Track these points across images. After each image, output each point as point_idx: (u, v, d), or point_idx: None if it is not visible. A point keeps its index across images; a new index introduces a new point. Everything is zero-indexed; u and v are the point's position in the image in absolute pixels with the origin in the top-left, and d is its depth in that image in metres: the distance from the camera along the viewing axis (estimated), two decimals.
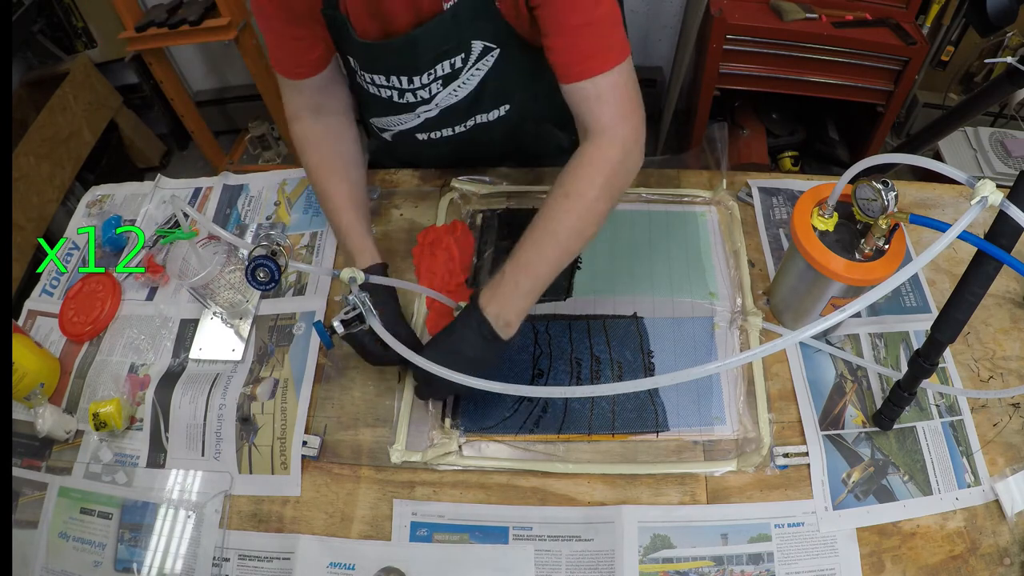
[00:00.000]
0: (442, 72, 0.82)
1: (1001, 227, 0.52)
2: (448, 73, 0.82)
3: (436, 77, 0.82)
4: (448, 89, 0.85)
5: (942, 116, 1.45)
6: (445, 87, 0.84)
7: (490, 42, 0.80)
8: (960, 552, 0.69)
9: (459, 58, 0.81)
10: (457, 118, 0.91)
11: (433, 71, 0.82)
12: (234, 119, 2.66)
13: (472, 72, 0.83)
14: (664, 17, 2.28)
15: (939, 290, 0.88)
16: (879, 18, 1.81)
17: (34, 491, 0.81)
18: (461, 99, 0.87)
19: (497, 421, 0.79)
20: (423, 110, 0.88)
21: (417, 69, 0.81)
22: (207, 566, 0.73)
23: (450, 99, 0.86)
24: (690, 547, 0.70)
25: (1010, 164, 1.95)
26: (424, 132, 0.93)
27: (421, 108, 0.88)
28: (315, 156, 0.87)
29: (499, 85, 0.87)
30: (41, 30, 2.23)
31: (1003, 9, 1.10)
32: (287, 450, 0.78)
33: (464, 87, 0.85)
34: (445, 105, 0.87)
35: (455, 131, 0.93)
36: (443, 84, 0.84)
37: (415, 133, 0.93)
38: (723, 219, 0.96)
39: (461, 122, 0.92)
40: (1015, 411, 0.77)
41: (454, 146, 0.96)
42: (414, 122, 0.91)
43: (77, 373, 0.89)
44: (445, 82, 0.83)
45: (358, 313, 0.73)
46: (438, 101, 0.86)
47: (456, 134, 0.94)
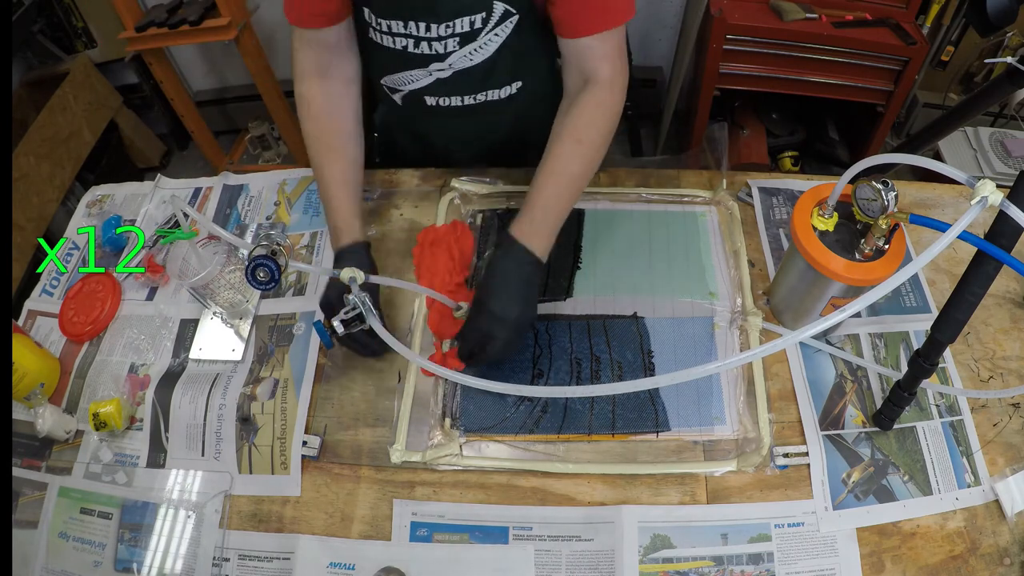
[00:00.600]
0: (461, 28, 0.81)
1: (1001, 227, 0.52)
2: (467, 31, 0.82)
3: (454, 32, 0.82)
4: (464, 50, 0.84)
5: (942, 116, 1.45)
6: (462, 47, 0.84)
7: (511, 6, 0.80)
8: (960, 552, 0.69)
9: (479, 17, 0.80)
10: (469, 87, 0.91)
11: (452, 24, 0.81)
12: (234, 119, 2.66)
13: (490, 36, 0.83)
14: (664, 17, 2.28)
15: (939, 290, 0.88)
16: (879, 18, 1.81)
17: (34, 491, 0.81)
18: (476, 64, 0.86)
19: (497, 421, 0.79)
20: (436, 68, 0.87)
21: (437, 16, 0.80)
22: (207, 566, 0.73)
23: (464, 62, 0.86)
24: (690, 547, 0.70)
25: (1010, 164, 1.95)
26: (433, 96, 0.92)
27: (434, 65, 0.87)
28: (315, 126, 0.87)
29: (514, 58, 0.87)
30: (41, 30, 2.23)
31: (1003, 9, 1.10)
32: (287, 450, 0.78)
33: (480, 52, 0.85)
34: (459, 68, 0.87)
35: (464, 102, 0.93)
36: (460, 43, 0.83)
37: (424, 95, 0.93)
38: (723, 219, 0.96)
39: (472, 93, 0.92)
40: (1015, 411, 0.77)
41: (462, 119, 0.96)
42: (425, 80, 0.90)
43: (77, 373, 0.89)
44: (462, 41, 0.83)
45: (358, 313, 0.73)
46: (452, 61, 0.86)
47: (465, 105, 0.93)
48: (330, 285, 0.80)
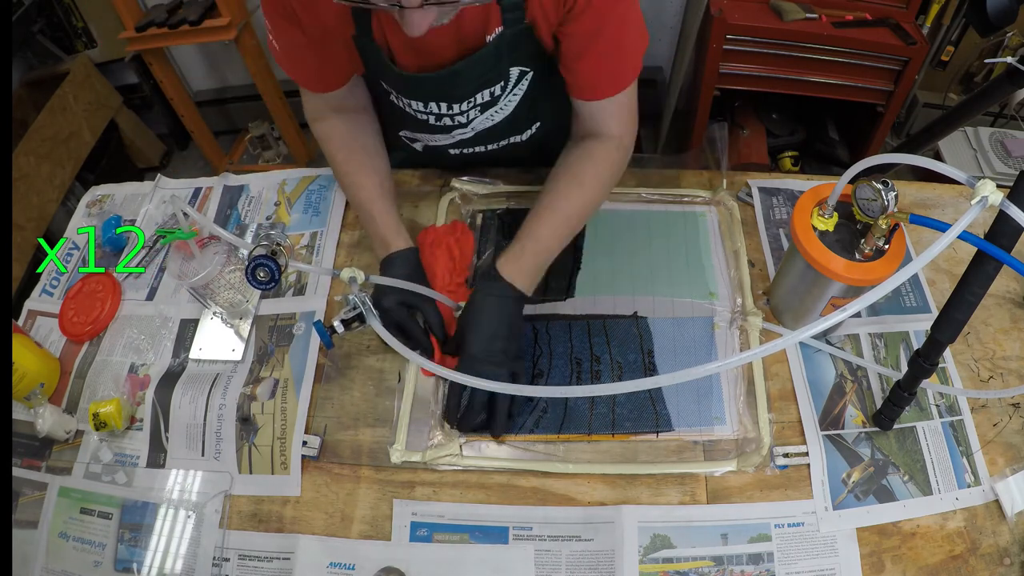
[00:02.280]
0: (481, 100, 0.83)
1: (1001, 227, 0.52)
2: (487, 101, 0.84)
3: (475, 104, 0.84)
4: (486, 115, 0.86)
5: (942, 116, 1.45)
6: (483, 113, 0.86)
7: (525, 66, 0.81)
8: (960, 552, 0.69)
9: (499, 86, 0.82)
10: (492, 138, 0.93)
11: (473, 99, 0.83)
12: (234, 119, 2.66)
13: (510, 98, 0.85)
14: (664, 17, 2.28)
15: (939, 290, 0.88)
16: (879, 18, 1.81)
17: (34, 491, 0.81)
18: (498, 123, 0.88)
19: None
20: (459, 133, 0.90)
21: (458, 98, 0.82)
22: (207, 566, 0.73)
23: (486, 123, 0.88)
24: (690, 547, 0.70)
25: (1010, 164, 1.95)
26: (457, 148, 0.95)
27: (457, 131, 0.89)
28: (342, 151, 0.89)
29: (532, 106, 0.88)
30: (41, 30, 2.23)
31: (1003, 9, 1.10)
32: (287, 450, 0.78)
33: (501, 112, 0.87)
34: (481, 128, 0.89)
35: (488, 148, 0.96)
36: (481, 110, 0.85)
37: (448, 149, 0.95)
38: (723, 219, 0.96)
39: (495, 141, 0.94)
40: (1015, 411, 0.77)
41: (484, 160, 0.99)
42: (447, 141, 0.93)
43: (77, 373, 0.89)
44: (483, 108, 0.85)
45: (358, 313, 0.73)
46: (474, 125, 0.88)
47: (488, 151, 0.96)
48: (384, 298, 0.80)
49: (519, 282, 0.78)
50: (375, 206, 0.85)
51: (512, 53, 0.78)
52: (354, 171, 0.88)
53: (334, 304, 0.90)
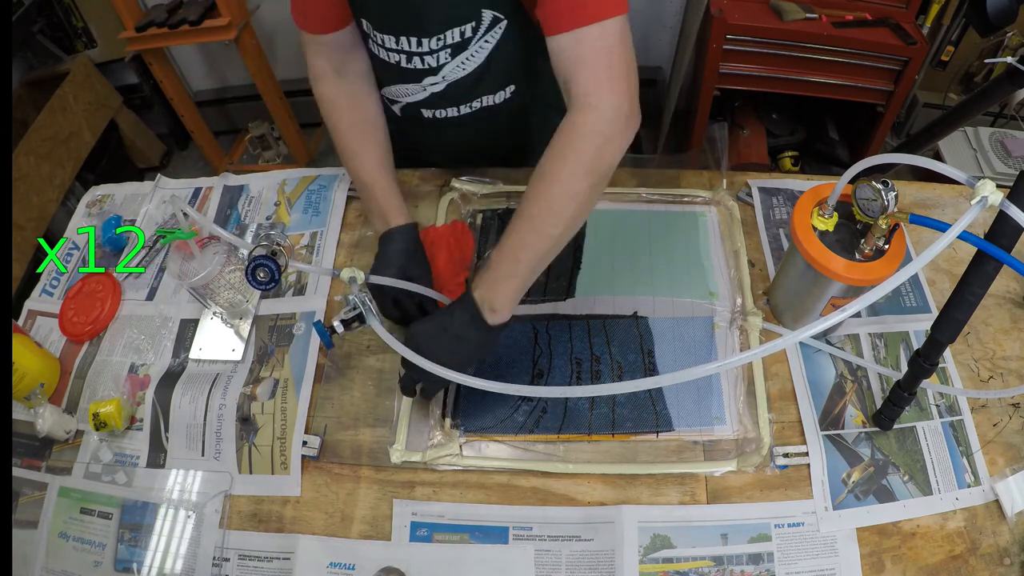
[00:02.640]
0: (451, 40, 0.81)
1: (1001, 227, 0.52)
2: (457, 42, 0.82)
3: (445, 44, 0.82)
4: (456, 61, 0.85)
5: (942, 116, 1.45)
6: (454, 58, 0.84)
7: (499, 12, 0.80)
8: (960, 552, 0.69)
9: (469, 27, 0.80)
10: (463, 95, 0.91)
11: (442, 37, 0.81)
12: (234, 119, 2.66)
13: (481, 44, 0.83)
14: (664, 17, 2.28)
15: (939, 290, 0.88)
16: (879, 18, 1.81)
17: (34, 491, 0.81)
18: (468, 73, 0.87)
19: (497, 421, 0.79)
20: (430, 82, 0.88)
21: (426, 31, 0.80)
22: (207, 566, 0.73)
23: (457, 72, 0.86)
24: (690, 547, 0.70)
25: (1010, 164, 1.95)
26: (430, 109, 0.93)
27: (428, 79, 0.88)
28: (344, 119, 0.88)
29: (506, 62, 0.87)
30: (41, 30, 2.23)
31: (1003, 9, 1.10)
32: (287, 450, 0.78)
33: (472, 60, 0.85)
34: (452, 79, 0.87)
35: (460, 111, 0.93)
36: (452, 54, 0.83)
37: (421, 109, 0.93)
38: (723, 219, 0.96)
39: (467, 101, 0.92)
40: (1015, 411, 0.77)
41: (460, 129, 0.96)
42: (420, 95, 0.91)
43: (77, 373, 0.89)
44: (454, 52, 0.83)
45: (358, 313, 0.73)
46: (445, 73, 0.86)
47: (461, 115, 0.94)
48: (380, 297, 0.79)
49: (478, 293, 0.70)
50: (376, 181, 0.85)
51: None
52: (357, 142, 0.87)
53: (334, 304, 0.90)
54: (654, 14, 2.27)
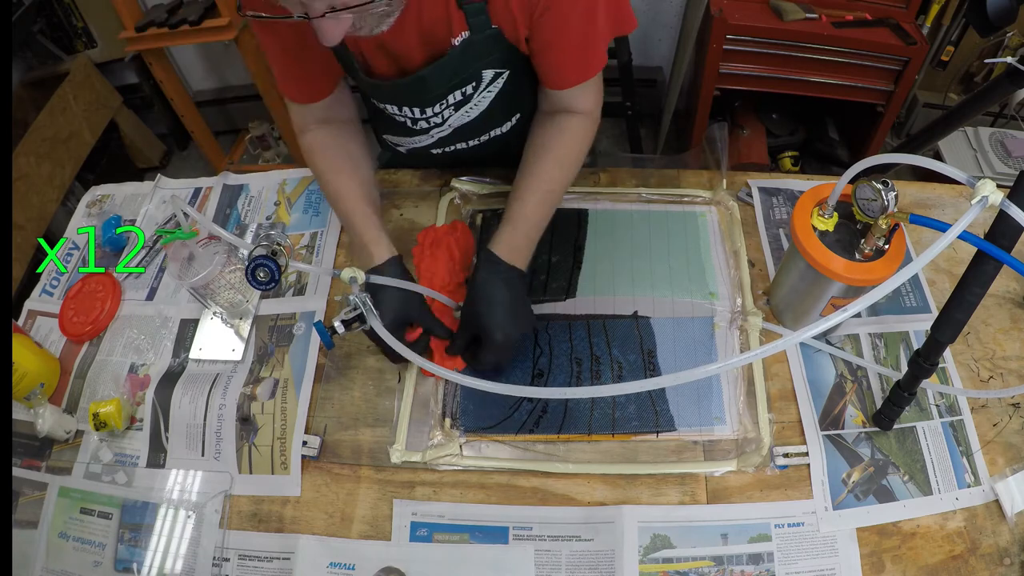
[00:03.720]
0: (453, 100, 0.84)
1: (1001, 227, 0.52)
2: (459, 100, 0.84)
3: (448, 105, 0.84)
4: (460, 112, 0.87)
5: (942, 116, 1.45)
6: (457, 111, 0.86)
7: (499, 68, 0.82)
8: (960, 552, 0.69)
9: (470, 86, 0.82)
10: (472, 134, 0.93)
11: (445, 101, 0.83)
12: (234, 119, 2.66)
13: (483, 95, 0.85)
14: (664, 17, 2.28)
15: (939, 290, 0.88)
16: (879, 18, 1.81)
17: (34, 491, 0.81)
18: (474, 118, 0.89)
19: (497, 421, 0.79)
20: (437, 132, 0.90)
21: (428, 102, 0.83)
22: (207, 566, 0.73)
23: (463, 119, 0.88)
24: (690, 547, 0.70)
25: (1010, 164, 1.95)
26: (439, 148, 0.95)
27: (435, 131, 0.90)
28: (324, 160, 0.88)
29: (510, 100, 0.89)
30: (41, 30, 2.23)
31: (1003, 9, 1.10)
32: (287, 450, 0.78)
33: (476, 108, 0.87)
34: (459, 124, 0.89)
35: (469, 144, 0.96)
36: (455, 109, 0.86)
37: (431, 149, 0.96)
38: (723, 219, 0.96)
39: (475, 137, 0.94)
40: (1015, 411, 0.77)
41: (468, 156, 0.99)
42: (428, 141, 0.93)
43: (77, 373, 0.89)
44: (457, 107, 0.85)
45: (358, 313, 0.73)
46: (451, 123, 0.89)
47: (471, 147, 0.96)
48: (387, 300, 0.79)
49: (517, 262, 0.79)
50: (355, 212, 0.83)
51: (483, 57, 0.79)
52: (335, 178, 0.86)
53: (334, 304, 0.90)
54: (654, 14, 2.27)
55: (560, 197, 0.84)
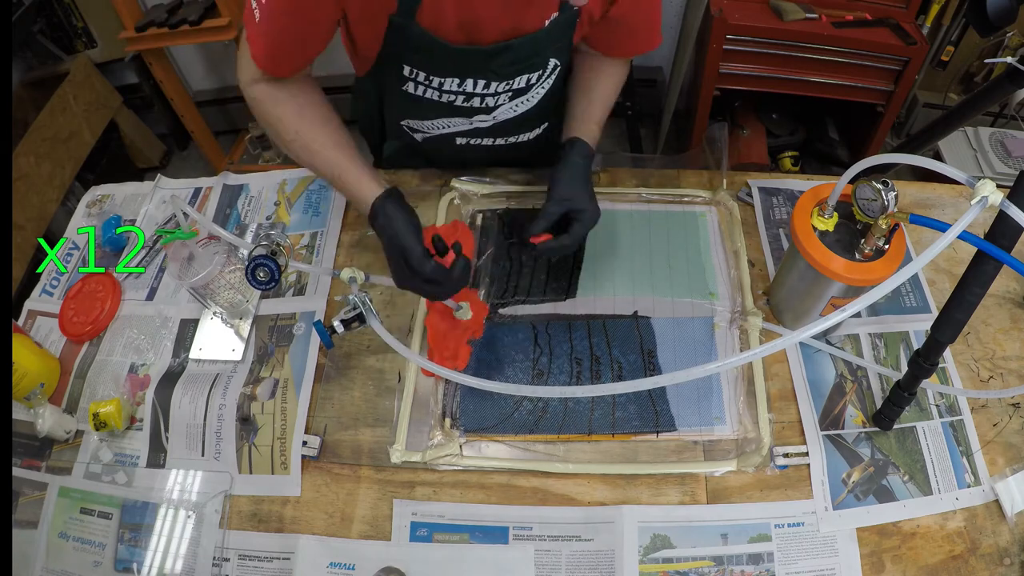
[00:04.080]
0: (517, 85, 0.83)
1: (1001, 227, 0.52)
2: (521, 87, 0.83)
3: (510, 88, 0.83)
4: (512, 103, 0.86)
5: (942, 116, 1.44)
6: (512, 100, 0.86)
7: (559, 58, 0.82)
8: (960, 552, 0.69)
9: (536, 75, 0.82)
10: (505, 132, 0.93)
11: (511, 81, 0.82)
12: (234, 119, 2.66)
13: (539, 89, 0.85)
14: (664, 17, 2.25)
15: (939, 290, 0.88)
16: (879, 18, 1.81)
17: (34, 491, 0.81)
18: (519, 114, 0.89)
19: (497, 421, 0.79)
20: (479, 119, 0.88)
21: (498, 75, 0.80)
22: (207, 566, 0.73)
23: (509, 113, 0.88)
24: (690, 547, 0.70)
25: (1010, 164, 1.95)
26: (466, 138, 0.94)
27: (478, 117, 0.87)
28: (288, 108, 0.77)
29: (548, 102, 0.89)
30: (41, 30, 2.23)
31: (1003, 9, 1.09)
32: (287, 450, 0.78)
33: (527, 103, 0.87)
34: (502, 118, 0.89)
35: (495, 143, 0.95)
36: (511, 97, 0.85)
37: (456, 138, 0.93)
38: (723, 219, 0.96)
39: (505, 137, 0.94)
40: (1015, 411, 0.77)
41: (484, 154, 0.98)
42: (463, 127, 0.90)
43: (77, 373, 0.89)
44: (513, 95, 0.85)
45: (358, 313, 0.73)
46: (497, 114, 0.87)
47: (494, 145, 0.96)
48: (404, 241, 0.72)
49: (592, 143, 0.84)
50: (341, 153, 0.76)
51: (558, 41, 0.79)
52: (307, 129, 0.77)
53: (334, 304, 0.90)
54: None
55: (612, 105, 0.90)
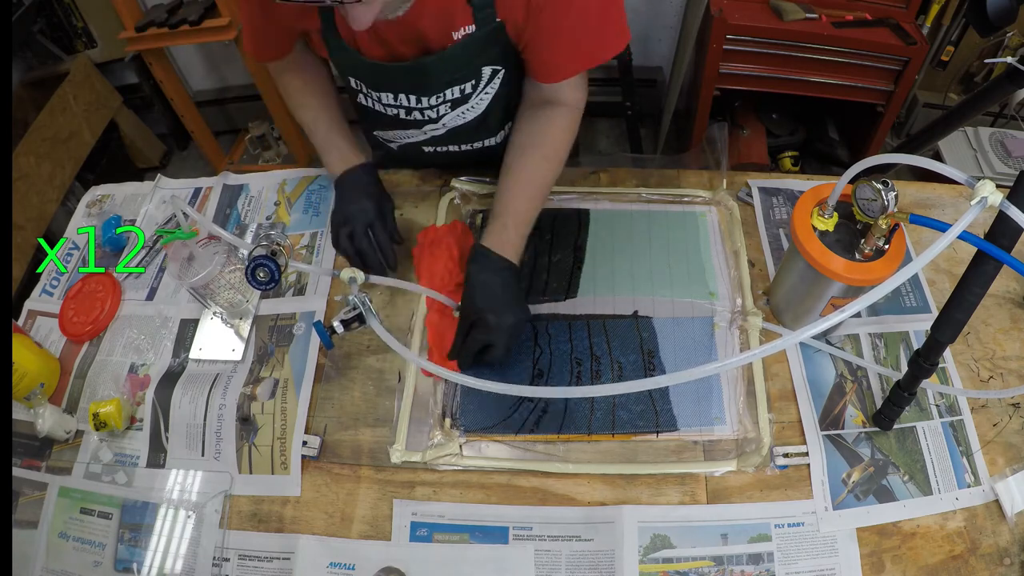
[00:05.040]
0: (451, 96, 0.84)
1: (1001, 227, 0.52)
2: (457, 98, 0.84)
3: (445, 100, 0.84)
4: (456, 112, 0.87)
5: (942, 116, 1.44)
6: (454, 109, 0.86)
7: (497, 65, 0.82)
8: (960, 552, 0.69)
9: (469, 84, 0.83)
10: (465, 137, 0.93)
11: (443, 94, 0.83)
12: (234, 119, 2.66)
13: (481, 96, 0.85)
14: (664, 17, 2.28)
15: (939, 290, 0.88)
16: (879, 18, 1.81)
17: (34, 491, 0.81)
18: (469, 121, 0.89)
19: (497, 421, 0.79)
20: (430, 128, 0.90)
21: (427, 90, 0.83)
22: (207, 566, 0.73)
23: (458, 120, 0.88)
24: (690, 547, 0.70)
25: (1010, 164, 1.95)
26: (431, 147, 0.95)
27: (428, 127, 0.90)
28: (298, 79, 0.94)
29: (504, 106, 0.89)
30: (41, 30, 2.23)
31: (1003, 9, 1.09)
32: (287, 450, 0.78)
33: (472, 110, 0.87)
34: (453, 125, 0.89)
35: (461, 148, 0.96)
36: (452, 107, 0.86)
37: (422, 146, 0.96)
38: (723, 219, 0.96)
39: (468, 142, 0.95)
40: (1015, 411, 0.77)
41: (463, 158, 0.99)
42: (420, 138, 0.93)
43: (77, 373, 0.89)
44: (454, 105, 0.85)
45: (358, 313, 0.73)
46: (445, 122, 0.88)
47: (462, 151, 0.97)
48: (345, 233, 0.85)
49: (508, 253, 0.79)
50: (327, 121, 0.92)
51: (484, 52, 0.79)
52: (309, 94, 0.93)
53: (334, 304, 0.90)
54: (654, 14, 2.27)
55: (548, 190, 0.85)
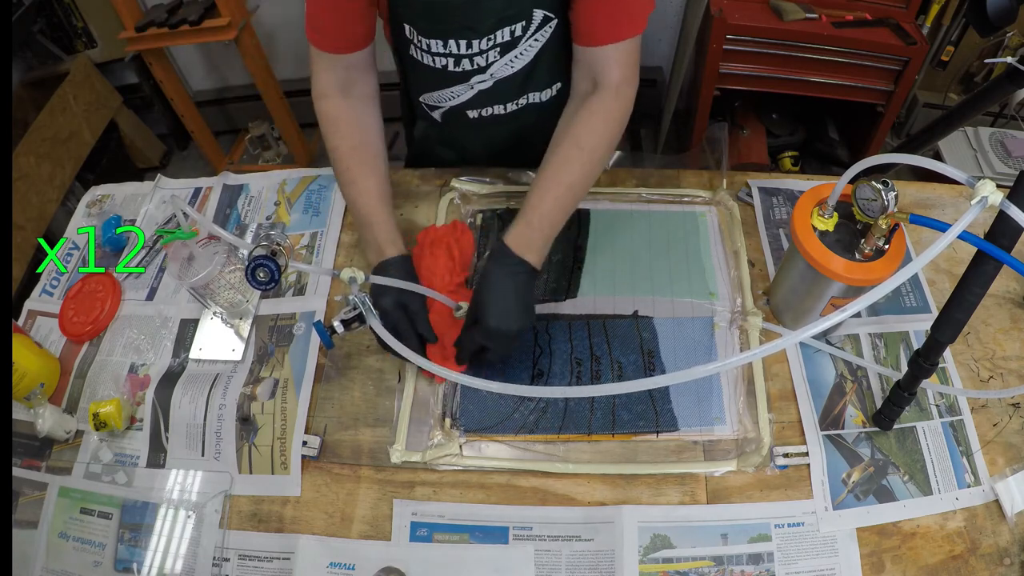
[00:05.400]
0: (501, 39, 0.81)
1: (1001, 227, 0.52)
2: (507, 41, 0.82)
3: (495, 44, 0.82)
4: (505, 59, 0.85)
5: (942, 116, 1.44)
6: (503, 56, 0.84)
7: (549, 11, 0.81)
8: (960, 552, 0.69)
9: (519, 26, 0.81)
10: (511, 93, 0.91)
11: (493, 36, 0.81)
12: (234, 119, 2.66)
13: (530, 43, 0.83)
14: (664, 17, 2.28)
15: (939, 290, 0.88)
16: (879, 18, 1.81)
17: (34, 491, 0.81)
18: (516, 71, 0.87)
19: (497, 421, 0.79)
20: (477, 80, 0.88)
21: (477, 32, 0.80)
22: (207, 566, 0.73)
23: (506, 70, 0.86)
24: (690, 547, 0.70)
25: (1010, 164, 1.95)
26: (475, 109, 0.93)
27: (475, 78, 0.87)
28: (346, 141, 0.86)
29: (553, 60, 0.87)
30: (41, 30, 2.23)
31: (1003, 9, 1.09)
32: (287, 450, 0.78)
33: (521, 58, 0.85)
34: (500, 76, 0.87)
35: (507, 108, 0.93)
36: (501, 52, 0.84)
37: (467, 110, 0.94)
38: (723, 219, 0.96)
39: (514, 99, 0.92)
40: (1015, 411, 0.77)
41: (505, 127, 0.97)
42: (467, 95, 0.91)
43: (77, 373, 0.89)
44: (503, 50, 0.83)
45: (358, 313, 0.73)
46: (493, 71, 0.86)
47: (508, 112, 0.94)
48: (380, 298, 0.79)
49: (530, 255, 0.77)
50: (373, 207, 0.84)
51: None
52: (356, 168, 0.85)
53: (334, 304, 0.90)
54: (654, 14, 2.25)
55: (581, 190, 0.80)
